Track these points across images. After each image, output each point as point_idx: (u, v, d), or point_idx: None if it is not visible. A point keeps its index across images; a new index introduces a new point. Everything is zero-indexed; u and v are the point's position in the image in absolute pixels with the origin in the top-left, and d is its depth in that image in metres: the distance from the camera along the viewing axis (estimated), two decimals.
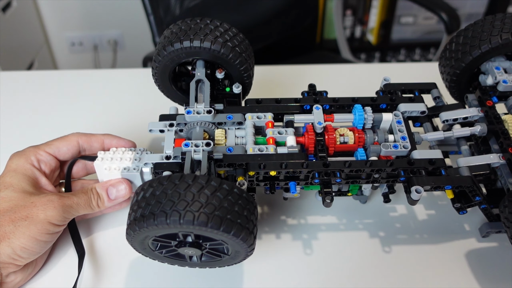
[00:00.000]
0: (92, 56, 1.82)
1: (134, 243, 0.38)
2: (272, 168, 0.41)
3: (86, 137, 0.45)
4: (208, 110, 0.44)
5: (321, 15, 1.70)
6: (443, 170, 0.42)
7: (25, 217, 0.38)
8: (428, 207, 0.51)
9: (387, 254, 0.46)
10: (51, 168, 0.44)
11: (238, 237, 0.34)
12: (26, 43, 1.57)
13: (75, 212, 0.41)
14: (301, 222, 0.49)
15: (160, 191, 0.34)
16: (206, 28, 0.44)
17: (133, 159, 0.43)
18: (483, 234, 0.47)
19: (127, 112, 0.63)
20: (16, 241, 0.38)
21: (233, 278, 0.44)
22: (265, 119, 0.45)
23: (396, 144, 0.43)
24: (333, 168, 0.41)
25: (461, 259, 0.46)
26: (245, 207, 0.35)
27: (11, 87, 0.67)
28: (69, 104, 0.65)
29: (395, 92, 0.47)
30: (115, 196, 0.43)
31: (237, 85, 0.46)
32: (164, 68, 0.46)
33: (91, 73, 0.73)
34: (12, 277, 0.40)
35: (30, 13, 1.60)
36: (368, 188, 0.46)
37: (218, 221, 0.33)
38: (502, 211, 0.40)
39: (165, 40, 0.45)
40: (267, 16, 1.19)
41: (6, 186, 0.40)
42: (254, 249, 0.38)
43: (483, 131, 0.45)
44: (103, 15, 1.70)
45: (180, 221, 0.32)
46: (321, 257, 0.46)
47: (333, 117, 0.45)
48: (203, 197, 0.33)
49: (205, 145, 0.41)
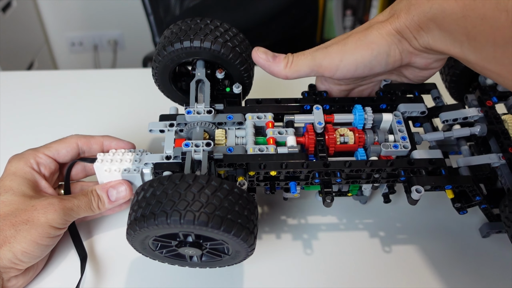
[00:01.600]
0: (92, 56, 1.82)
1: (134, 243, 0.38)
2: (273, 168, 0.41)
3: (86, 139, 0.45)
4: (208, 110, 0.44)
5: (321, 15, 1.70)
6: (443, 170, 0.42)
7: (26, 221, 0.38)
8: (428, 207, 0.51)
9: (387, 254, 0.46)
10: (51, 171, 0.44)
11: (238, 237, 0.34)
12: (26, 43, 1.57)
13: (76, 214, 0.41)
14: (301, 222, 0.49)
15: (161, 191, 0.34)
16: (207, 28, 0.44)
17: (133, 160, 0.43)
18: (483, 234, 0.47)
19: (127, 112, 0.63)
20: (17, 245, 0.37)
21: (233, 278, 0.44)
22: (265, 119, 0.45)
23: (396, 144, 0.43)
24: (333, 168, 0.41)
25: (461, 259, 0.46)
26: (245, 206, 0.35)
27: (11, 87, 0.67)
28: (69, 104, 0.65)
29: (395, 92, 0.47)
30: (116, 197, 0.43)
31: (237, 85, 0.46)
32: (164, 68, 0.46)
33: (91, 73, 0.73)
34: (14, 281, 0.40)
35: (30, 13, 1.60)
36: (368, 188, 0.46)
37: (218, 221, 0.33)
38: (503, 211, 0.40)
39: (165, 40, 0.45)
40: (267, 16, 1.19)
41: (6, 189, 0.40)
42: (255, 249, 0.38)
43: (483, 131, 0.45)
44: (103, 15, 1.70)
45: (181, 221, 0.32)
46: (321, 257, 0.46)
47: (333, 117, 0.45)
48: (203, 197, 0.33)
49: (206, 145, 0.41)
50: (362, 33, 0.40)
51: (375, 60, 0.40)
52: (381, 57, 0.39)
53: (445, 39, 0.35)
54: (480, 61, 0.34)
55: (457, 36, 0.34)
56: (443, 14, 0.34)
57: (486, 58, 0.33)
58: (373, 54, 0.39)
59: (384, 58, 0.40)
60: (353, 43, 0.40)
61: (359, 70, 0.40)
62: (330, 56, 0.40)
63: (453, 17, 0.33)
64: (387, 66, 0.40)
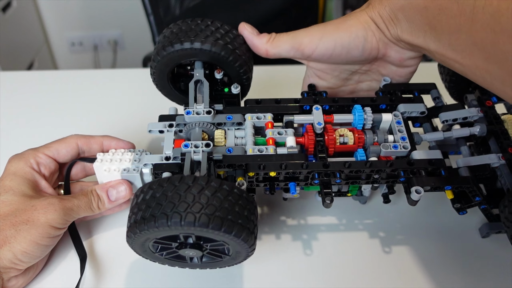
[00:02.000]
0: (92, 56, 1.82)
1: (134, 245, 0.38)
2: (272, 169, 0.41)
3: (85, 139, 0.45)
4: (207, 110, 0.44)
5: (321, 15, 1.70)
6: (443, 171, 0.42)
7: (26, 221, 0.38)
8: (428, 208, 0.51)
9: (387, 255, 0.46)
10: (51, 171, 0.44)
11: (239, 238, 0.34)
12: (26, 43, 1.57)
13: (75, 214, 0.41)
14: (301, 222, 0.49)
15: (160, 193, 0.34)
16: (207, 29, 0.44)
17: (132, 160, 0.43)
18: (483, 234, 0.47)
19: (127, 112, 0.63)
20: (17, 245, 0.38)
21: (233, 279, 0.44)
22: (264, 119, 0.45)
23: (396, 144, 0.43)
24: (332, 168, 0.41)
25: (461, 260, 0.46)
26: (245, 207, 0.35)
27: (11, 87, 0.67)
28: (69, 104, 0.65)
29: (395, 93, 0.47)
30: (116, 197, 0.43)
31: (236, 85, 0.46)
32: (163, 68, 0.46)
33: (91, 73, 0.73)
34: (14, 281, 0.40)
35: (30, 13, 1.60)
36: (368, 189, 0.46)
37: (219, 222, 0.33)
38: (502, 211, 0.40)
39: (165, 40, 0.45)
40: (267, 16, 1.19)
41: (6, 189, 0.40)
42: (255, 249, 0.38)
43: (482, 131, 0.45)
44: (103, 15, 1.70)
45: (181, 223, 0.32)
46: (321, 257, 0.46)
47: (333, 117, 0.45)
48: (203, 198, 0.33)
49: (205, 145, 0.41)
50: (341, 19, 0.44)
51: (353, 43, 0.43)
52: (358, 40, 0.42)
53: (411, 29, 0.39)
54: (439, 48, 0.37)
55: (421, 26, 0.38)
56: (409, 6, 0.38)
57: (443, 46, 0.37)
58: (351, 37, 0.42)
59: (361, 42, 0.43)
60: (333, 25, 0.43)
61: (337, 50, 0.43)
62: (310, 34, 0.43)
63: (417, 8, 0.37)
64: (364, 52, 0.43)
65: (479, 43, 0.33)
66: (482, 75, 0.35)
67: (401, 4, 0.39)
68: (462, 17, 0.33)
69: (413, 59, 0.44)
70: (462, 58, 0.36)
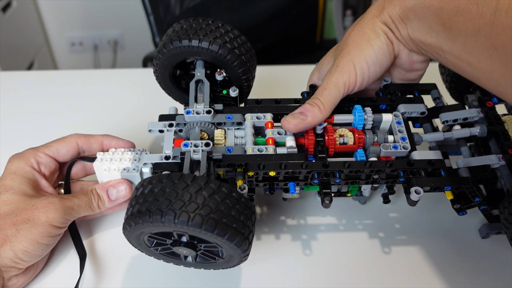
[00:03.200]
0: (92, 56, 1.82)
1: (130, 237, 0.38)
2: (272, 169, 0.40)
3: (85, 138, 0.45)
4: (207, 110, 0.44)
5: (321, 15, 1.70)
6: (442, 171, 0.42)
7: (27, 220, 0.38)
8: (428, 208, 0.51)
9: (386, 255, 0.46)
10: (51, 170, 0.44)
11: (232, 242, 0.34)
12: (26, 43, 1.58)
13: (76, 213, 0.41)
14: (300, 222, 0.49)
15: (159, 189, 0.34)
16: (207, 28, 0.44)
17: (132, 160, 0.43)
18: (483, 235, 0.47)
19: (127, 112, 0.63)
20: (18, 244, 0.38)
21: (232, 279, 0.44)
22: (264, 119, 0.45)
23: (396, 144, 0.43)
24: (332, 168, 0.41)
25: (461, 260, 0.46)
26: (242, 212, 0.35)
27: (11, 87, 0.67)
28: (69, 104, 0.65)
29: (395, 93, 0.47)
30: (116, 196, 0.43)
31: (234, 88, 0.46)
32: (165, 66, 0.46)
33: (91, 73, 0.73)
34: (14, 280, 0.40)
35: (30, 13, 1.60)
36: (368, 189, 0.46)
37: (212, 224, 0.33)
38: (502, 212, 0.40)
39: (167, 38, 0.45)
40: (267, 16, 1.19)
41: (6, 189, 0.40)
42: (249, 255, 0.38)
43: (483, 132, 0.45)
44: (103, 15, 1.70)
45: (175, 221, 0.32)
46: (320, 257, 0.46)
47: (333, 117, 0.45)
48: (200, 199, 0.33)
49: (205, 145, 0.41)
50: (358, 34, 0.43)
51: (380, 54, 0.42)
52: (382, 50, 0.42)
53: (422, 29, 0.39)
54: (453, 50, 0.36)
55: (434, 26, 0.37)
56: (422, 6, 0.37)
57: (458, 48, 0.36)
58: (375, 49, 0.42)
59: (385, 50, 0.42)
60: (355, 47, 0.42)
61: (371, 69, 0.42)
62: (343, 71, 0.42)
63: (431, 9, 0.36)
64: (390, 56, 0.43)
65: (500, 47, 0.32)
66: (497, 80, 0.34)
67: (413, 4, 0.38)
68: (482, 19, 0.32)
69: (422, 62, 0.44)
70: (478, 62, 0.34)
